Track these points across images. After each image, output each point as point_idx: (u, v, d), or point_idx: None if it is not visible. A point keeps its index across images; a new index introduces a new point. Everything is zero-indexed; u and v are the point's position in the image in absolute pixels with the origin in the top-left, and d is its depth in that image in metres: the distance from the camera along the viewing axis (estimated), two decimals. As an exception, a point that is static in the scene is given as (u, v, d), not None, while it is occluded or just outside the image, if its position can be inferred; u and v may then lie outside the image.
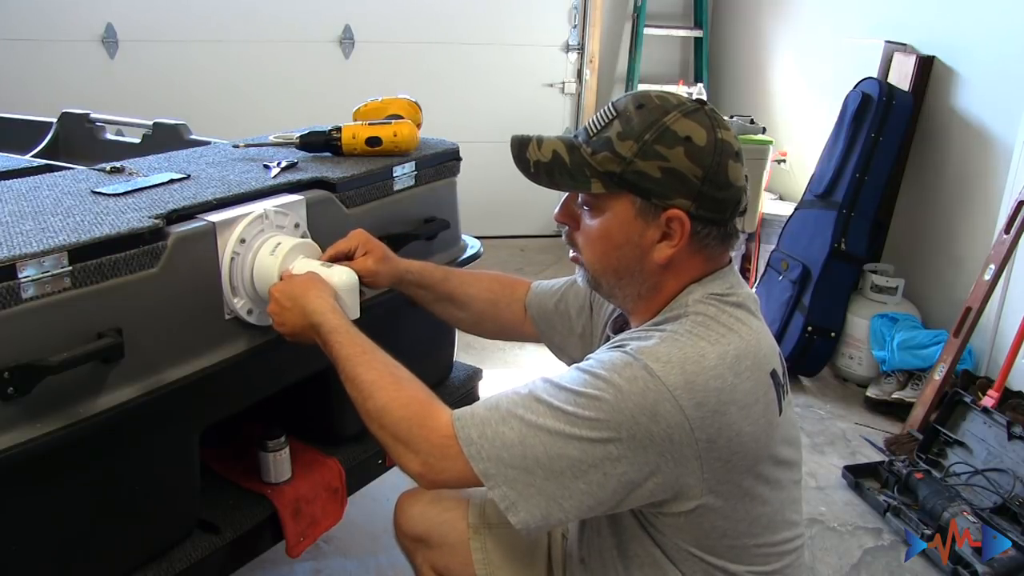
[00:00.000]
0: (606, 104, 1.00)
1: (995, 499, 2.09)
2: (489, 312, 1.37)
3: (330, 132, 1.54)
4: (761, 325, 0.99)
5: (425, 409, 0.98)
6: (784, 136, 3.79)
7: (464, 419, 0.95)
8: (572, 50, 4.28)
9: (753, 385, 0.93)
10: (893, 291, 2.91)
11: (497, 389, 1.00)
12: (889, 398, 2.73)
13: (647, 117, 0.94)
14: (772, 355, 0.98)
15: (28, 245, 0.99)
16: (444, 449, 0.94)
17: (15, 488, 1.00)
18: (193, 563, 1.23)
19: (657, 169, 0.93)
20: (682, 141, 0.93)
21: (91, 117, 2.20)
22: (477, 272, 1.41)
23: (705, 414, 0.88)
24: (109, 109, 2.31)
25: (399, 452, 0.98)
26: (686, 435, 0.88)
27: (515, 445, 0.91)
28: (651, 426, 0.87)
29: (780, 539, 1.01)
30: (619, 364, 0.90)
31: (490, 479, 0.92)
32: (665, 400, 0.87)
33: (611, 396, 0.88)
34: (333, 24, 3.99)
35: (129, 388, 1.09)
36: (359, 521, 1.99)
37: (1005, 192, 2.65)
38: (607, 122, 0.97)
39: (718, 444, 0.90)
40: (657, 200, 0.95)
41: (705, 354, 0.90)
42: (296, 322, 1.13)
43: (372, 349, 1.06)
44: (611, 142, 0.95)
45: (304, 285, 1.15)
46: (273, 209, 1.25)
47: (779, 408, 0.97)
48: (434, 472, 0.96)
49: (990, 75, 2.75)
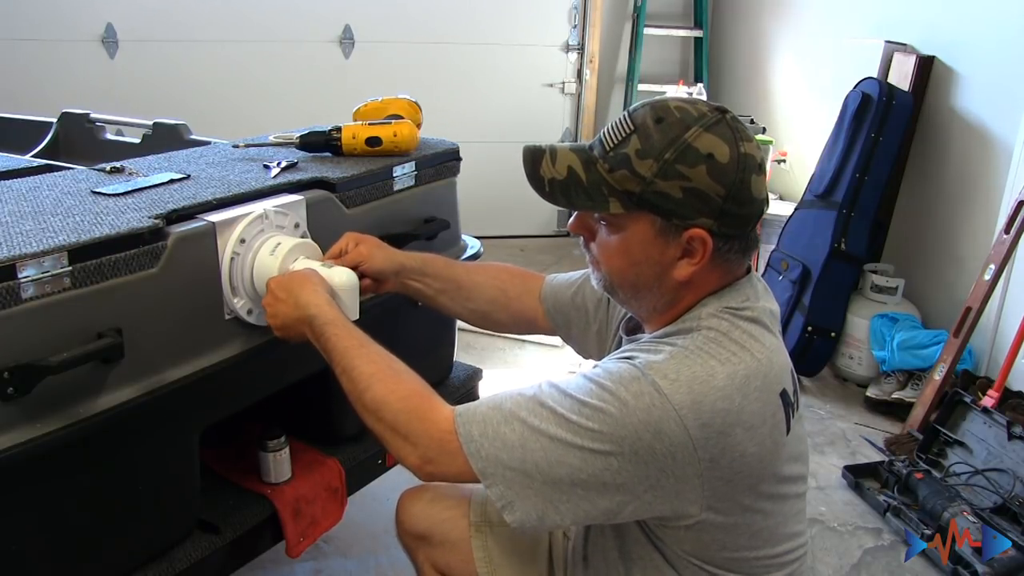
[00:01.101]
0: (622, 114, 0.96)
1: (995, 499, 2.09)
2: (500, 302, 1.33)
3: (330, 132, 1.54)
4: (776, 341, 0.97)
5: (426, 402, 0.98)
6: (784, 136, 3.79)
7: (466, 415, 0.94)
8: (572, 50, 4.28)
9: (761, 407, 0.91)
10: (893, 291, 2.90)
11: (497, 389, 1.00)
12: (889, 398, 2.73)
13: (667, 133, 0.91)
14: (784, 374, 0.96)
15: (28, 245, 0.99)
16: (444, 444, 0.94)
17: (15, 488, 1.00)
18: (193, 563, 1.23)
19: (679, 189, 0.90)
20: (704, 159, 0.90)
21: (91, 117, 2.20)
22: (485, 263, 1.40)
23: (709, 435, 0.87)
24: (109, 109, 2.31)
25: (397, 444, 0.97)
26: (689, 454, 0.87)
27: (515, 447, 0.90)
28: (654, 443, 0.86)
29: (781, 551, 1.00)
30: (627, 377, 0.89)
31: (488, 477, 0.91)
32: (670, 419, 0.86)
33: (616, 410, 0.87)
34: (333, 24, 3.99)
35: (129, 388, 1.09)
36: (359, 521, 1.99)
37: (1005, 192, 2.65)
38: (624, 136, 0.93)
39: (720, 464, 0.88)
40: (678, 220, 0.92)
41: (714, 373, 0.89)
42: (289, 314, 1.12)
43: (368, 342, 1.06)
44: (629, 160, 0.92)
45: (300, 278, 1.14)
46: (273, 209, 1.25)
47: (787, 428, 0.95)
48: (431, 465, 0.95)
49: (990, 75, 2.75)
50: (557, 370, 3.03)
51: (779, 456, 0.94)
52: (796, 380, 1.01)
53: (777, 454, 0.94)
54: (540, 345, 3.23)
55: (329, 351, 1.07)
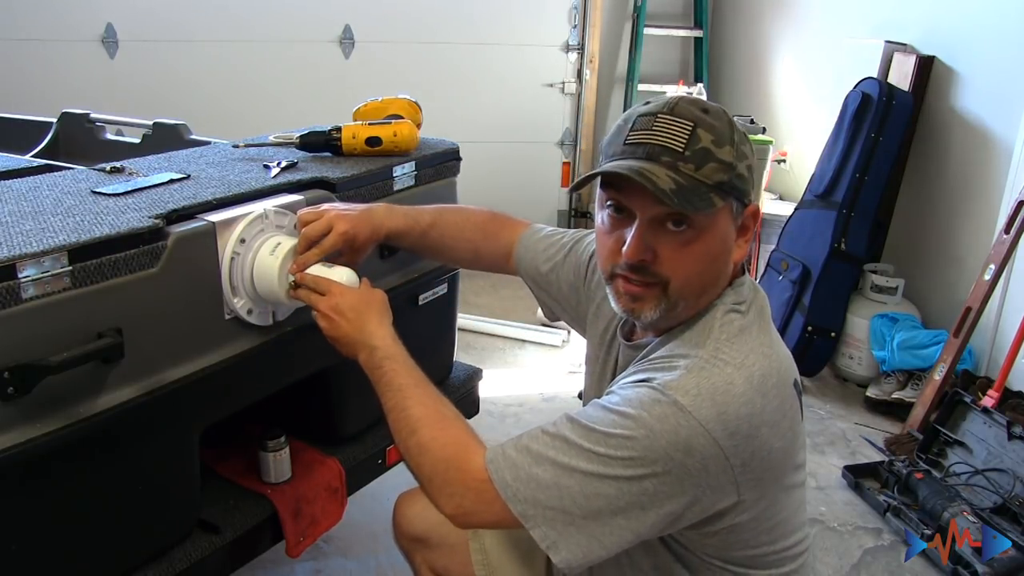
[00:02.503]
0: (656, 117, 0.92)
1: (995, 499, 2.09)
2: (470, 261, 1.37)
3: (330, 132, 1.54)
4: (775, 333, 0.99)
5: (463, 452, 0.97)
6: (784, 136, 3.79)
7: (496, 462, 0.93)
8: (572, 50, 4.28)
9: (780, 402, 0.92)
10: (893, 291, 2.90)
11: (497, 389, 1.00)
12: (889, 398, 2.73)
13: (721, 119, 0.93)
14: (791, 365, 0.98)
15: (28, 245, 0.99)
16: (481, 493, 0.93)
17: (15, 488, 1.00)
18: (193, 563, 1.23)
19: (747, 168, 0.94)
20: (745, 137, 0.95)
21: (91, 117, 2.19)
22: (462, 214, 1.37)
23: (739, 442, 0.87)
24: (109, 109, 2.31)
25: (434, 492, 0.98)
26: (721, 463, 0.87)
27: (550, 487, 0.90)
28: (686, 460, 0.86)
29: (793, 542, 1.01)
30: (647, 401, 0.89)
31: (529, 520, 0.90)
32: (698, 435, 0.86)
33: (643, 436, 0.87)
34: (333, 24, 3.99)
35: (129, 388, 1.09)
36: (359, 521, 1.99)
37: (1005, 192, 2.65)
38: (689, 132, 0.90)
39: (751, 465, 0.89)
40: (748, 200, 0.95)
41: (733, 381, 0.89)
42: (349, 334, 1.11)
43: (425, 383, 1.05)
44: (710, 152, 0.90)
45: (369, 301, 1.14)
46: (273, 209, 1.25)
47: (801, 415, 0.98)
48: (469, 515, 0.96)
49: (990, 75, 2.75)
50: (557, 370, 3.03)
51: (797, 445, 0.97)
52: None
53: (797, 444, 0.97)
54: (540, 345, 3.24)
55: (383, 386, 1.06)
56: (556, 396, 2.79)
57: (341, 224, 1.22)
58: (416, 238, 1.32)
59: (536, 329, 3.28)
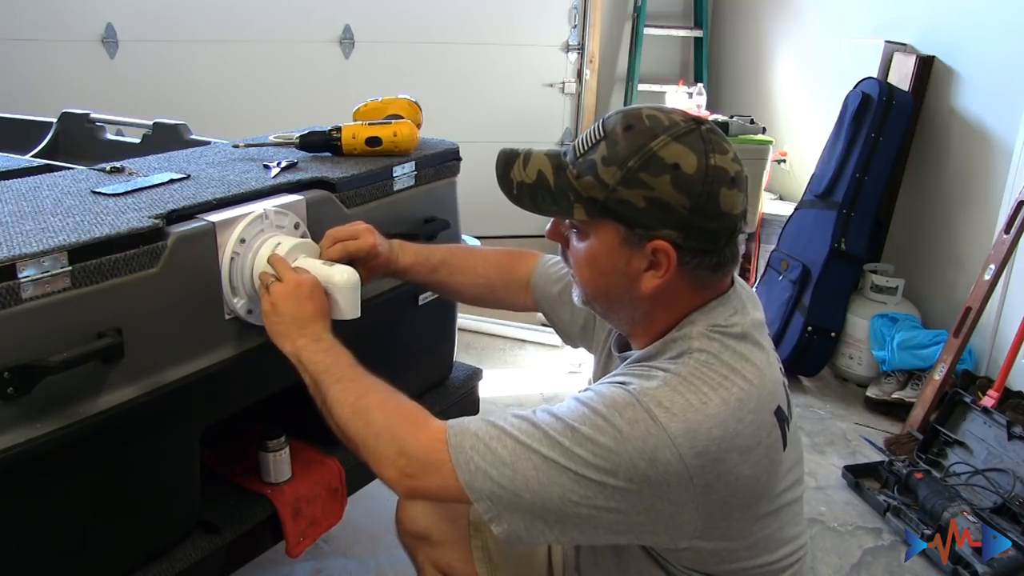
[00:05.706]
0: (597, 121, 0.95)
1: (995, 499, 2.09)
2: (485, 297, 1.38)
3: (330, 132, 1.54)
4: (765, 356, 0.96)
5: (420, 414, 0.98)
6: (784, 136, 3.79)
7: (458, 429, 0.93)
8: (572, 50, 4.28)
9: (756, 429, 0.90)
10: (893, 291, 2.91)
11: (497, 389, 1.00)
12: (889, 398, 2.73)
13: (634, 141, 0.89)
14: (777, 390, 0.95)
15: (28, 245, 0.99)
16: (432, 453, 0.93)
17: (15, 488, 1.00)
18: (193, 563, 1.23)
19: (641, 199, 0.89)
20: (669, 169, 0.88)
21: (91, 117, 2.20)
22: (474, 255, 1.39)
23: (705, 462, 0.86)
24: (109, 109, 2.31)
25: (381, 449, 0.96)
26: (684, 482, 0.86)
27: (506, 464, 0.89)
28: (648, 471, 0.85)
29: (780, 555, 0.99)
30: (621, 404, 0.88)
31: (474, 491, 0.90)
32: (665, 447, 0.85)
33: (611, 437, 0.86)
34: (333, 24, 3.99)
35: (129, 388, 1.09)
36: (359, 521, 1.99)
37: (1005, 192, 2.65)
38: (595, 142, 0.92)
39: (716, 488, 0.88)
40: (641, 230, 0.90)
41: (708, 401, 0.88)
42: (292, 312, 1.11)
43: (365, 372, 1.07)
44: (595, 166, 0.91)
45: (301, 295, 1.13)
46: (273, 209, 1.25)
47: (783, 444, 0.94)
48: (412, 479, 0.94)
49: (990, 75, 2.76)
50: (557, 370, 3.03)
51: (776, 474, 0.94)
52: (788, 390, 1.00)
53: (774, 472, 0.93)
54: (540, 345, 3.23)
55: (321, 364, 1.07)
56: (556, 396, 2.79)
57: (370, 237, 1.27)
58: (426, 273, 1.35)
59: (536, 329, 3.27)
